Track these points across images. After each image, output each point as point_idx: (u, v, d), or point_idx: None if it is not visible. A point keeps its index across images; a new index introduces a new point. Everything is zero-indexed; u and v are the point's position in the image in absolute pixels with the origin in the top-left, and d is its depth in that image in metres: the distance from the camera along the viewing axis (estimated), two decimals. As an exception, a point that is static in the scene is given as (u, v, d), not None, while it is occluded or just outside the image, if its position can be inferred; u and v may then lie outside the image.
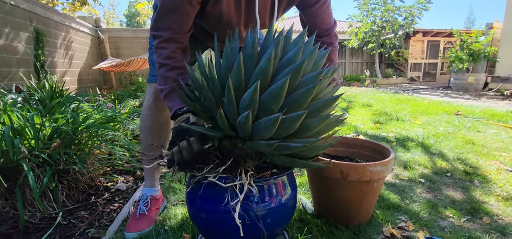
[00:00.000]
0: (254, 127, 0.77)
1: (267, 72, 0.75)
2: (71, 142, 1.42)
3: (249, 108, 0.72)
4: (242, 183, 0.80)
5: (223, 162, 0.83)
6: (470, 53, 6.73)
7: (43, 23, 4.31)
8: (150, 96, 1.15)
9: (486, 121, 3.02)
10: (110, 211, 1.33)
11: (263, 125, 0.74)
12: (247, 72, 0.78)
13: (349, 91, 6.04)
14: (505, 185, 1.52)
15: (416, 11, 8.92)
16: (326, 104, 0.80)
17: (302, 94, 0.74)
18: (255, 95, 0.72)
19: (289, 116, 0.73)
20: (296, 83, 0.76)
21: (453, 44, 9.21)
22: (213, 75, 0.82)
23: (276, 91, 0.72)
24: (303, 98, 0.75)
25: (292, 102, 0.75)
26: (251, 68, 0.78)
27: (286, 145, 0.76)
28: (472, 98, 5.37)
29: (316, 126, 0.78)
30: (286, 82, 0.70)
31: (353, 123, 3.01)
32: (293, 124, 0.74)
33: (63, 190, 1.37)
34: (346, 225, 1.12)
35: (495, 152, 2.03)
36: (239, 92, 0.77)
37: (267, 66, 0.75)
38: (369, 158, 1.28)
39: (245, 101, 0.75)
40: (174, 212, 1.25)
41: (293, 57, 0.77)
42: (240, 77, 0.76)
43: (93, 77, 5.95)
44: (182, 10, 0.89)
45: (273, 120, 0.71)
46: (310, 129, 0.78)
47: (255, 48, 0.79)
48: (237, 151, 0.83)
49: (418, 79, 10.45)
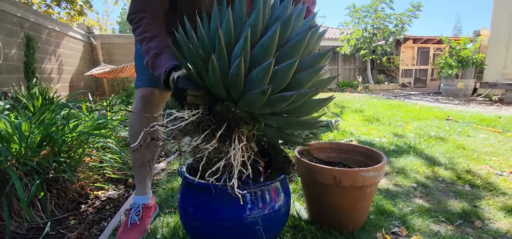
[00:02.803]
0: (246, 81, 0.74)
1: (257, 26, 0.74)
2: (61, 149, 1.39)
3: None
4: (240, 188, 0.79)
5: (218, 127, 0.78)
6: (459, 60, 6.89)
7: (35, 29, 4.25)
8: (137, 102, 1.14)
9: (475, 125, 3.08)
10: (100, 220, 1.30)
11: (255, 76, 0.72)
12: (236, 31, 0.76)
13: (342, 97, 6.10)
14: (495, 189, 1.54)
15: (406, 18, 9.12)
16: (317, 59, 0.79)
17: (292, 47, 0.73)
18: (246, 46, 0.70)
19: (281, 66, 0.71)
20: (285, 38, 0.76)
21: (443, 50, 9.42)
22: (202, 34, 0.79)
23: (266, 44, 0.71)
24: (294, 51, 0.73)
25: (283, 56, 0.73)
26: (240, 27, 0.77)
27: (280, 96, 0.73)
28: (462, 103, 5.48)
29: (308, 79, 0.76)
30: (276, 33, 0.69)
31: (347, 128, 3.03)
32: (286, 74, 0.72)
33: (52, 199, 1.34)
34: (340, 231, 1.12)
35: (485, 156, 2.06)
36: (230, 48, 0.74)
37: (257, 20, 0.74)
38: (362, 163, 1.28)
39: (235, 55, 0.73)
40: (167, 220, 1.23)
41: (281, 14, 0.77)
42: (230, 32, 0.74)
43: (85, 84, 5.88)
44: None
45: (266, 68, 0.69)
46: (302, 83, 0.76)
47: (243, 9, 0.78)
48: (230, 115, 0.79)
49: (409, 85, 10.62)
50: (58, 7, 5.56)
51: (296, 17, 0.79)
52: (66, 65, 5.19)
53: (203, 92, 0.80)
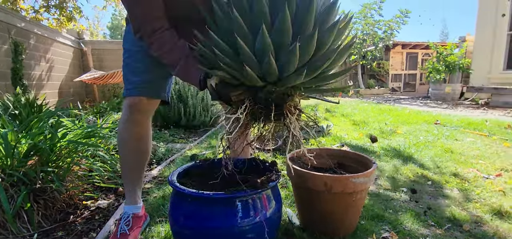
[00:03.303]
0: (278, 67, 0.77)
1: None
2: (48, 159, 1.37)
3: (266, 51, 0.74)
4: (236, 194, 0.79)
5: (269, 110, 0.83)
6: (446, 65, 7.06)
7: (23, 35, 4.18)
8: (125, 110, 1.13)
9: (463, 129, 3.16)
10: (89, 231, 1.27)
11: (285, 61, 0.75)
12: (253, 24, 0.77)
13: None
14: (482, 192, 1.58)
15: (395, 24, 9.33)
16: (329, 7, 0.79)
17: (305, 14, 0.74)
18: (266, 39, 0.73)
19: (303, 41, 0.73)
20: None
21: (430, 56, 9.65)
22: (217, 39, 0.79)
23: (280, 26, 0.72)
24: (309, 16, 0.74)
25: (300, 24, 0.75)
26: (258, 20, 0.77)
27: (313, 66, 0.78)
28: (450, 107, 5.61)
29: (329, 37, 0.78)
30: (287, 17, 0.71)
31: (338, 133, 3.07)
32: (309, 47, 0.75)
33: (39, 210, 1.30)
34: (331, 237, 1.13)
35: (472, 160, 2.11)
36: (249, 41, 0.77)
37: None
38: (353, 169, 1.30)
39: (261, 50, 0.75)
40: (157, 230, 1.21)
41: None
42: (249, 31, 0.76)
43: (75, 90, 5.79)
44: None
45: (293, 51, 0.72)
46: (325, 42, 0.78)
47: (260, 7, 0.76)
48: (274, 96, 0.83)
49: (399, 89, 10.81)
50: (47, 13, 5.48)
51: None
52: (55, 72, 5.10)
53: (243, 89, 0.83)
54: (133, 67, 1.10)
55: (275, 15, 0.74)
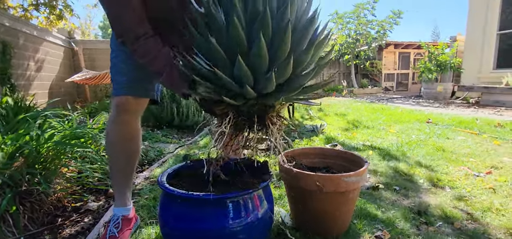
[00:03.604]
0: (255, 89, 0.79)
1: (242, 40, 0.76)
2: (35, 160, 1.33)
3: (244, 78, 0.76)
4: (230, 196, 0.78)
5: (251, 121, 0.85)
6: (437, 64, 7.16)
7: (11, 34, 4.08)
8: (113, 110, 1.11)
9: (454, 128, 3.20)
10: (78, 234, 1.24)
11: (263, 85, 0.78)
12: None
13: (328, 101, 6.19)
14: (473, 189, 1.59)
15: (387, 25, 9.41)
16: (306, 25, 0.80)
17: (281, 37, 0.74)
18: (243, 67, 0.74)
19: (280, 66, 0.76)
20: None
21: (422, 55, 9.77)
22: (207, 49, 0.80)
23: (257, 52, 0.74)
24: (285, 39, 0.74)
25: (276, 49, 0.76)
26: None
27: (293, 82, 0.81)
28: (441, 106, 5.69)
29: (307, 55, 0.80)
30: (262, 45, 0.72)
31: (331, 132, 3.07)
32: (286, 69, 0.77)
33: (25, 213, 1.27)
34: (324, 236, 1.12)
35: (463, 158, 2.13)
36: (226, 65, 0.78)
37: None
38: (346, 168, 1.29)
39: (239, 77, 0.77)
40: (148, 232, 1.19)
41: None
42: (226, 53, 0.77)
43: (65, 90, 5.68)
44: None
45: (269, 79, 0.75)
46: (303, 61, 0.80)
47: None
48: (255, 108, 0.85)
49: (391, 88, 10.92)
50: (37, 11, 5.35)
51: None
52: (45, 72, 5.00)
53: (226, 103, 0.83)
54: (120, 67, 1.08)
55: (252, 40, 0.75)
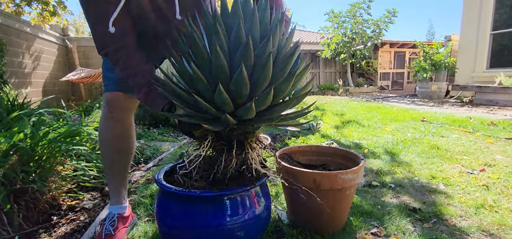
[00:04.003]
0: (237, 115, 0.80)
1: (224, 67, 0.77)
2: (29, 158, 1.31)
3: (224, 105, 0.77)
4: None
5: (230, 146, 0.86)
6: (432, 64, 7.22)
7: (3, 31, 4.02)
8: (105, 108, 1.11)
9: (448, 126, 3.23)
10: (74, 232, 1.23)
11: (243, 113, 0.79)
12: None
13: (324, 100, 6.22)
14: (467, 186, 1.62)
15: (383, 24, 9.46)
16: (287, 57, 0.82)
17: (261, 68, 0.76)
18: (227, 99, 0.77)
19: (261, 96, 0.78)
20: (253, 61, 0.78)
21: (417, 55, 9.85)
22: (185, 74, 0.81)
23: (239, 79, 0.75)
24: (266, 70, 0.76)
25: (256, 81, 0.78)
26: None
27: (272, 110, 0.83)
28: (436, 105, 5.75)
29: (287, 86, 0.82)
30: (243, 73, 0.73)
31: (328, 130, 3.09)
32: (267, 98, 0.78)
33: (20, 211, 1.25)
34: (321, 233, 1.13)
35: (458, 156, 2.16)
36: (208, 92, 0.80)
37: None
38: (342, 165, 1.30)
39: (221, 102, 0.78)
40: (145, 230, 1.19)
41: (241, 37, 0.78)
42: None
43: (60, 88, 5.62)
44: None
45: (249, 108, 0.76)
46: (282, 91, 0.82)
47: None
48: (235, 133, 0.86)
49: (387, 88, 11.01)
50: (29, 7, 5.26)
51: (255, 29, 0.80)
52: (39, 69, 4.93)
53: (205, 127, 0.84)
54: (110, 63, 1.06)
55: (234, 68, 0.76)
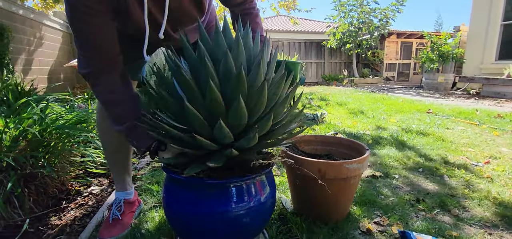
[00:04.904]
0: (238, 146, 0.82)
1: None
2: (38, 144, 1.34)
3: (225, 139, 0.79)
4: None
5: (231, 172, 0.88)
6: (439, 55, 7.11)
7: (7, 18, 4.02)
8: None
9: (454, 118, 3.21)
10: (82, 216, 1.26)
11: (244, 142, 0.81)
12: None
13: (328, 91, 6.18)
14: (471, 178, 1.61)
15: (390, 13, 9.28)
16: (279, 80, 0.83)
17: (258, 97, 0.79)
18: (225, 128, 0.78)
19: (261, 125, 0.81)
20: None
21: (425, 45, 9.68)
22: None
23: (237, 111, 0.77)
24: (262, 98, 0.79)
25: (253, 106, 0.81)
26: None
27: (271, 135, 0.86)
28: (442, 97, 5.69)
29: (283, 109, 0.86)
30: (241, 105, 0.75)
31: (332, 121, 3.08)
32: (267, 124, 0.81)
33: (30, 196, 1.29)
34: (325, 222, 1.14)
35: (463, 148, 2.15)
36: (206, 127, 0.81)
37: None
38: (347, 155, 1.31)
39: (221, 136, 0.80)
40: (151, 215, 1.21)
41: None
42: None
43: (65, 76, 5.65)
44: (95, 22, 0.77)
45: (251, 138, 0.78)
46: (279, 113, 0.86)
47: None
48: (235, 161, 0.86)
49: (393, 79, 10.88)
50: (31, -7, 5.22)
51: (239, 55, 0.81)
52: (43, 56, 4.95)
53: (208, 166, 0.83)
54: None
55: (227, 99, 0.77)
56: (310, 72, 10.64)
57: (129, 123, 0.86)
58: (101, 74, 0.83)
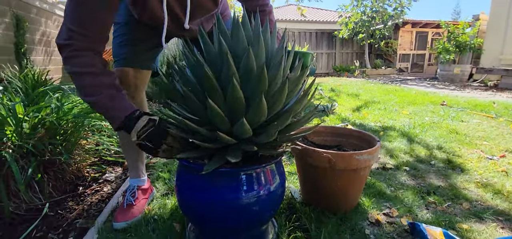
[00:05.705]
0: (256, 141, 0.84)
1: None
2: (56, 132, 1.39)
3: (245, 134, 0.81)
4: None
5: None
6: (456, 45, 6.86)
7: (23, 9, 4.12)
8: None
9: (469, 111, 3.12)
10: (98, 202, 1.31)
11: (263, 137, 0.83)
12: None
13: (339, 82, 6.10)
14: (485, 172, 1.58)
15: (406, 1, 8.99)
16: (297, 77, 0.84)
17: (278, 93, 0.79)
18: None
19: (280, 117, 0.82)
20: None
21: (441, 35, 9.36)
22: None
23: (259, 109, 0.78)
24: (282, 95, 0.80)
25: (273, 104, 0.82)
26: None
27: (288, 129, 0.87)
28: (458, 89, 5.52)
29: (299, 105, 0.86)
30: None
31: (342, 112, 3.05)
32: (287, 119, 0.83)
33: (49, 181, 1.35)
34: (334, 212, 1.15)
35: (477, 141, 2.10)
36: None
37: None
38: (357, 146, 1.30)
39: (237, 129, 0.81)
40: (164, 202, 1.25)
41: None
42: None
43: (78, 66, 5.77)
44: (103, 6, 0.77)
45: (271, 134, 0.80)
46: (295, 109, 0.86)
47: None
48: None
49: (406, 70, 10.61)
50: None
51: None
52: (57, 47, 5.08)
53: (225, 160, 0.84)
54: (120, 39, 1.06)
55: (246, 97, 0.77)
56: (321, 63, 10.50)
57: (109, 91, 0.83)
58: (86, 51, 0.80)
